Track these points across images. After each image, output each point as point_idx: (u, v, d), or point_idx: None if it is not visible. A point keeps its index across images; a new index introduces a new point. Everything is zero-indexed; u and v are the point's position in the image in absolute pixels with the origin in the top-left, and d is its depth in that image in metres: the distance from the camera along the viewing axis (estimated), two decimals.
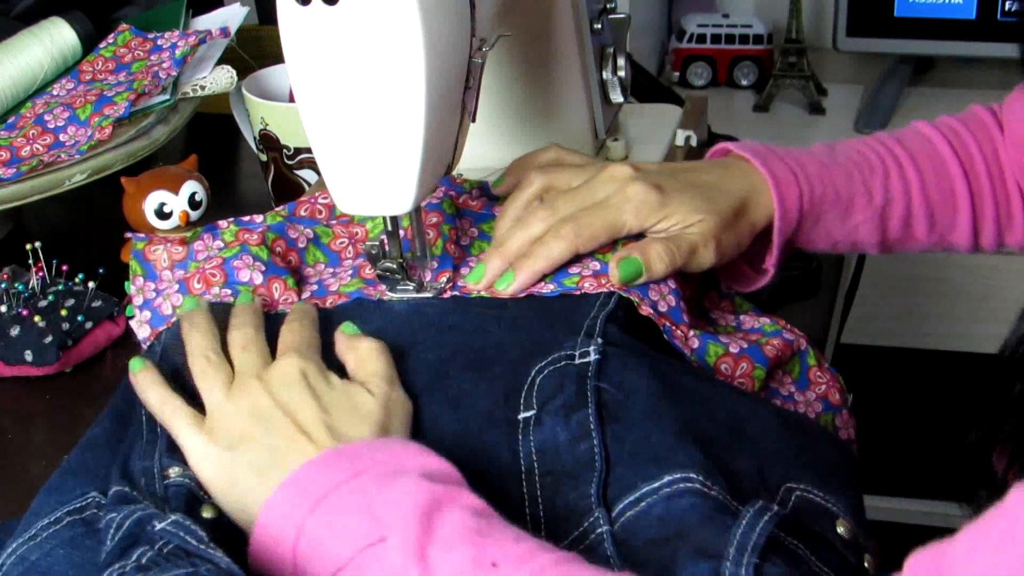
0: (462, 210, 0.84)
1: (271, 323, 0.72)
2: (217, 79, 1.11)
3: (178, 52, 1.09)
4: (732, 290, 0.85)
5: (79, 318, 0.87)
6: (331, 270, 0.80)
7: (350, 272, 0.79)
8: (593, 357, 0.67)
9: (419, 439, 0.65)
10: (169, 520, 0.57)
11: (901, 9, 1.66)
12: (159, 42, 1.12)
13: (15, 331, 0.86)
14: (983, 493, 0.59)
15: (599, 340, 0.69)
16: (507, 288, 0.76)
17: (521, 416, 0.66)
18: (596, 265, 0.77)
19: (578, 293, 0.75)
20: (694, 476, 0.60)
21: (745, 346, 0.75)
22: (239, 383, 0.66)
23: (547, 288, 0.76)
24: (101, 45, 1.14)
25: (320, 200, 0.83)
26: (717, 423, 0.66)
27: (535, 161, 0.85)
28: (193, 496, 0.62)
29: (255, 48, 1.23)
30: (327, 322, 0.72)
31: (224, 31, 1.13)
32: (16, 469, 0.78)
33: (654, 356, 0.70)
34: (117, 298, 0.90)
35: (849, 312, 1.15)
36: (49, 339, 0.86)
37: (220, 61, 1.13)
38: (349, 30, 0.66)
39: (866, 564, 0.61)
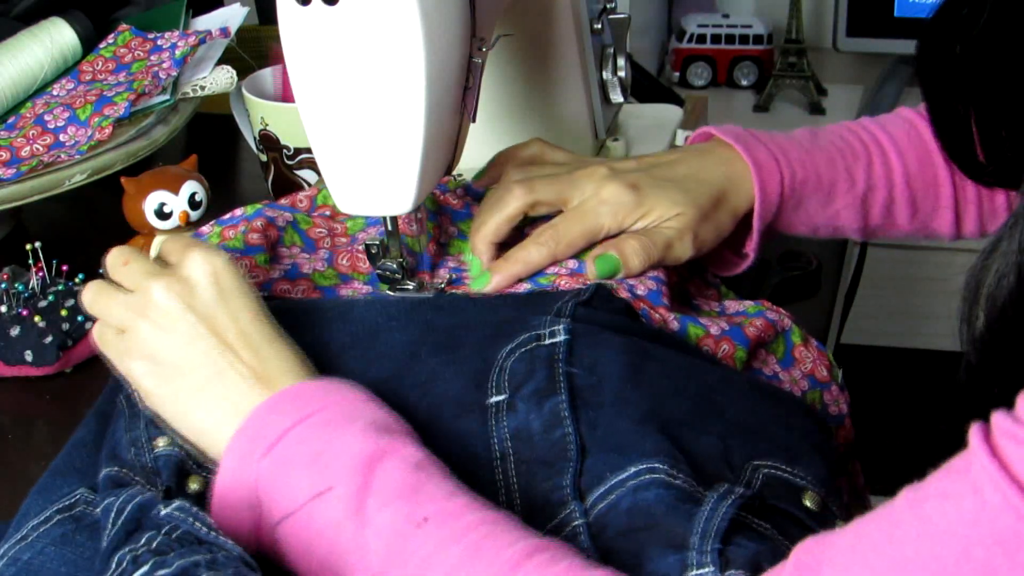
0: (442, 207, 0.84)
1: None
2: (217, 79, 1.11)
3: (178, 52, 1.09)
4: (717, 279, 0.86)
5: (79, 318, 0.87)
6: (306, 255, 0.80)
7: (324, 257, 0.79)
8: (562, 337, 0.67)
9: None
10: (174, 505, 0.57)
11: (901, 9, 1.66)
12: (159, 42, 1.12)
13: (15, 331, 0.86)
14: None
15: (567, 320, 0.69)
16: (483, 289, 0.77)
17: (492, 401, 0.66)
18: (572, 263, 0.78)
19: (552, 290, 0.76)
20: (658, 466, 0.60)
21: (726, 327, 0.76)
22: (139, 293, 0.65)
23: (522, 288, 0.77)
24: (101, 45, 1.14)
25: (301, 194, 0.83)
26: (686, 399, 0.66)
27: (517, 155, 0.85)
28: (182, 467, 0.63)
29: (255, 48, 1.24)
30: (292, 317, 0.71)
31: (224, 31, 1.13)
32: (16, 469, 0.78)
33: (624, 333, 0.70)
34: None
35: (849, 312, 1.15)
36: (49, 339, 0.86)
37: (220, 61, 1.13)
38: (349, 30, 0.66)
39: None
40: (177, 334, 0.63)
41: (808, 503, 0.62)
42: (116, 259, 0.68)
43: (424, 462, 0.58)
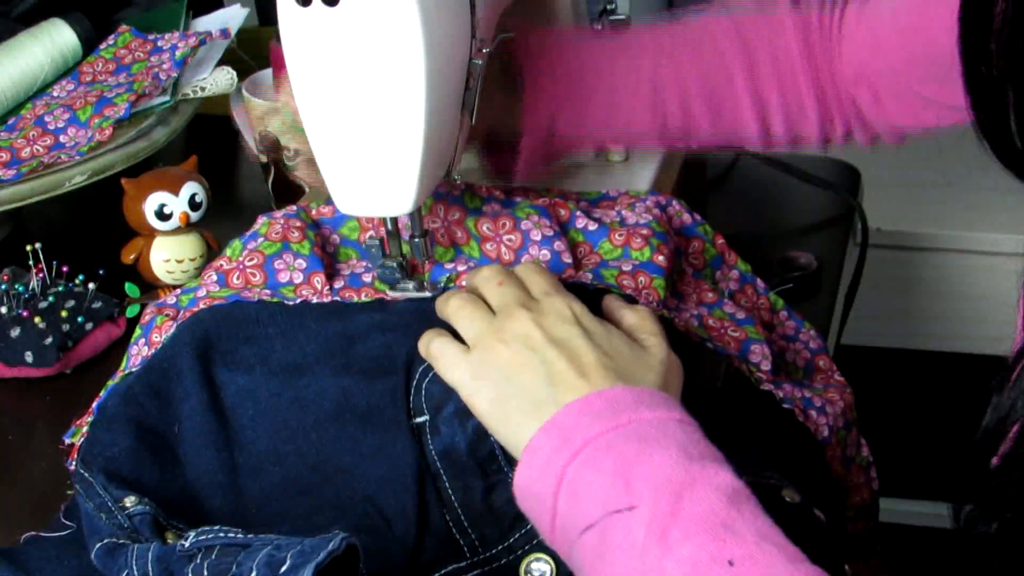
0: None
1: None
2: (217, 80, 1.11)
3: (178, 53, 1.09)
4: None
5: (79, 319, 0.87)
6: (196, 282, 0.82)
7: (216, 280, 0.79)
8: None
9: (336, 451, 0.65)
10: (191, 535, 0.57)
11: None
12: (159, 43, 1.12)
13: (15, 332, 0.86)
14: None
15: None
16: None
17: (416, 421, 0.67)
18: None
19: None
20: None
21: (637, 261, 0.77)
22: (505, 312, 0.64)
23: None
24: (101, 46, 1.14)
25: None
26: None
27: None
28: (157, 523, 0.62)
29: (255, 49, 1.23)
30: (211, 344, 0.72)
31: (224, 32, 1.13)
32: (16, 470, 0.78)
33: None
34: (117, 299, 0.90)
35: (849, 312, 1.15)
36: (49, 340, 0.86)
37: (220, 62, 1.13)
38: (349, 31, 0.66)
39: (788, 498, 0.61)
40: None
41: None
42: (491, 277, 0.68)
43: (736, 495, 0.55)
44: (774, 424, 0.70)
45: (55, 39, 1.11)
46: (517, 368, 0.62)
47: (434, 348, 0.65)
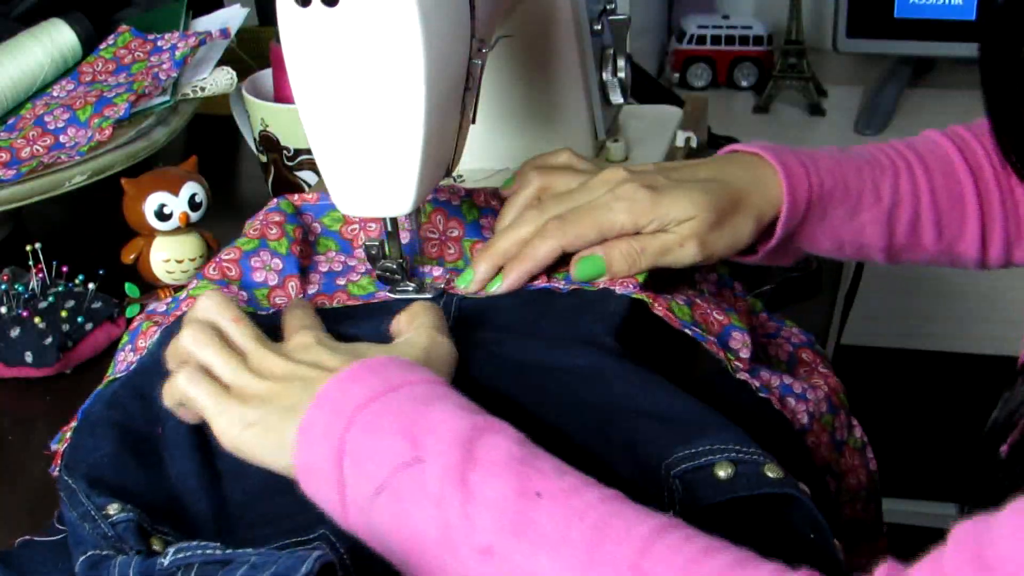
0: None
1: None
2: (217, 80, 1.11)
3: (178, 53, 1.09)
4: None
5: (79, 319, 0.87)
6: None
7: (194, 275, 0.79)
8: None
9: None
10: (172, 549, 0.57)
11: (901, 10, 1.66)
12: (159, 43, 1.12)
13: (15, 332, 0.86)
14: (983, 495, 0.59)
15: None
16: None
17: None
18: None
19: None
20: None
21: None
22: (255, 356, 0.65)
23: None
24: (101, 46, 1.14)
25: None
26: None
27: (546, 163, 0.85)
28: (142, 530, 0.61)
29: (255, 49, 1.24)
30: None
31: (224, 32, 1.13)
32: (16, 470, 0.78)
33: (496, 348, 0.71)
34: (117, 299, 0.90)
35: (849, 313, 1.15)
36: (49, 340, 0.86)
37: (220, 62, 1.13)
38: (349, 31, 0.66)
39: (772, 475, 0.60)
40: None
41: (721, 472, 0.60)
42: (232, 328, 0.67)
43: (526, 440, 0.56)
44: (751, 412, 0.70)
45: (55, 39, 1.11)
46: (274, 394, 0.62)
47: (192, 389, 0.64)
